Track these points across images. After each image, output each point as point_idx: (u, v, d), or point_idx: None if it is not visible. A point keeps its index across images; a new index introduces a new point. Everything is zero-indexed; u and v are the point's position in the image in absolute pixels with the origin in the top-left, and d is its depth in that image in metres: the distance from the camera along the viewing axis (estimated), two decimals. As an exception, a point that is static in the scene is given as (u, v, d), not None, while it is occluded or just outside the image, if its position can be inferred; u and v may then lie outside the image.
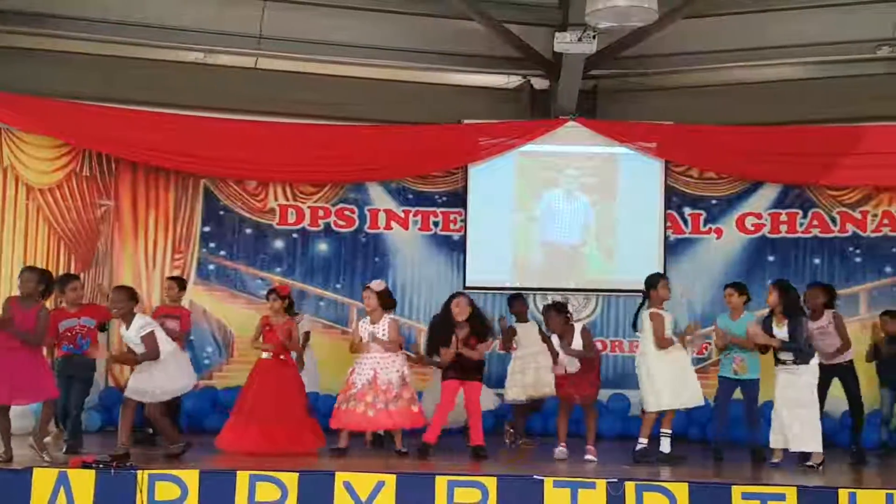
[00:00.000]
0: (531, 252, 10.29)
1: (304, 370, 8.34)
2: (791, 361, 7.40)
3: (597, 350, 7.87)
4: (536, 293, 9.92)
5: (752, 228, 10.16)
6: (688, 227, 10.23)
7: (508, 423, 8.63)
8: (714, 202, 10.23)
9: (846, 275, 9.93)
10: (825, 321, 8.03)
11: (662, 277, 7.85)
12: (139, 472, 6.19)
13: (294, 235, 10.20)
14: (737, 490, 6.19)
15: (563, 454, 7.51)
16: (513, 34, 9.69)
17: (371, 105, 10.29)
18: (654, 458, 7.43)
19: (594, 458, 7.44)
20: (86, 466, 6.27)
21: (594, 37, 8.55)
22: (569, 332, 7.61)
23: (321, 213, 10.21)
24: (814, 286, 8.27)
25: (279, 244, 10.18)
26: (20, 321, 6.70)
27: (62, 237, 9.62)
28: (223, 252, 10.14)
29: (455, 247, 10.22)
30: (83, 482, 6.17)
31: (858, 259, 9.97)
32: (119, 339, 8.14)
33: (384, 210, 10.24)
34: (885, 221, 9.92)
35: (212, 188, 10.13)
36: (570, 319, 7.73)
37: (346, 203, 10.23)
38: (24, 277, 6.94)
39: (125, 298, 7.07)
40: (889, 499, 6.15)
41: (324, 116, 10.15)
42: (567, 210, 10.23)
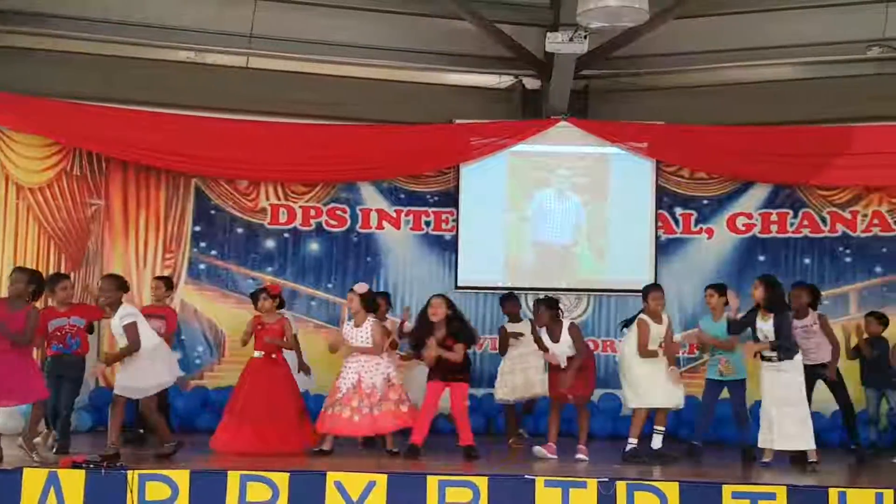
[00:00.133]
0: (523, 252, 10.30)
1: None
2: (776, 358, 7.40)
3: (589, 350, 7.88)
4: (528, 293, 9.93)
5: (743, 228, 10.19)
6: (679, 227, 10.26)
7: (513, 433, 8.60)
8: (705, 202, 10.25)
9: (836, 275, 9.98)
10: (810, 320, 8.06)
11: (654, 290, 7.79)
12: (129, 472, 6.17)
13: (285, 235, 10.19)
14: (727, 489, 6.21)
15: (541, 452, 7.53)
16: (504, 34, 9.70)
17: (363, 105, 10.28)
18: (645, 458, 7.44)
19: (586, 458, 7.46)
20: (76, 466, 6.26)
21: (585, 37, 8.57)
22: (557, 328, 7.62)
23: (313, 213, 10.20)
24: (798, 286, 8.30)
25: (270, 244, 10.17)
26: (8, 322, 6.65)
27: (52, 236, 9.58)
28: (214, 252, 10.12)
29: (447, 246, 10.23)
30: (73, 482, 6.15)
31: (848, 259, 10.00)
32: (110, 339, 8.13)
33: (376, 210, 10.24)
34: (875, 221, 9.96)
35: (203, 187, 10.11)
36: (560, 315, 7.73)
37: (338, 203, 10.22)
38: (14, 278, 6.90)
39: (114, 287, 7.00)
40: (879, 498, 6.18)
41: (316, 116, 10.14)
42: (559, 210, 10.24)
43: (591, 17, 7.88)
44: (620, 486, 6.20)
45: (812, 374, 7.75)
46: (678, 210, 10.26)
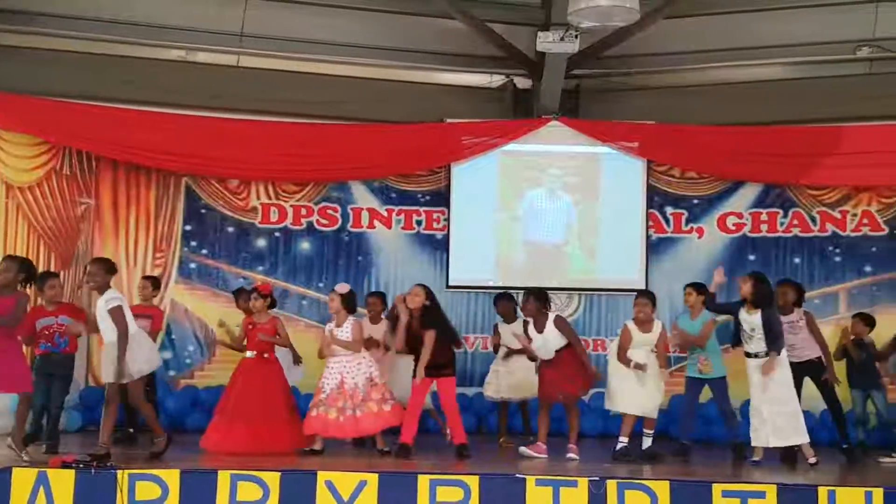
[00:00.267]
0: (514, 251, 10.30)
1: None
2: (764, 354, 7.41)
3: (582, 347, 7.80)
4: (519, 292, 9.91)
5: (734, 228, 10.21)
6: (670, 227, 10.28)
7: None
8: (696, 202, 10.28)
9: (826, 274, 10.02)
10: (795, 317, 8.08)
11: (639, 297, 7.74)
12: (119, 472, 6.14)
13: (276, 234, 10.17)
14: (717, 488, 6.22)
15: (527, 452, 7.52)
16: (495, 33, 9.70)
17: (354, 104, 10.27)
18: (635, 457, 7.45)
19: (576, 457, 7.45)
20: (66, 466, 6.23)
21: (576, 36, 8.59)
22: (542, 319, 7.60)
23: (304, 212, 10.18)
24: (784, 282, 8.33)
25: (261, 243, 10.16)
26: None
27: (42, 235, 9.54)
28: (205, 251, 10.10)
29: (438, 246, 10.22)
30: (63, 482, 6.12)
31: (838, 258, 10.04)
32: (99, 339, 8.08)
33: (367, 209, 10.23)
34: (865, 221, 10.00)
35: (193, 186, 10.09)
36: (547, 308, 7.71)
37: (329, 202, 10.21)
38: (4, 267, 6.85)
39: (102, 270, 6.89)
40: (868, 497, 6.19)
41: (307, 115, 10.12)
42: (550, 209, 10.25)
43: (582, 17, 7.91)
44: (611, 485, 6.20)
45: (798, 372, 7.76)
46: (669, 209, 10.28)
